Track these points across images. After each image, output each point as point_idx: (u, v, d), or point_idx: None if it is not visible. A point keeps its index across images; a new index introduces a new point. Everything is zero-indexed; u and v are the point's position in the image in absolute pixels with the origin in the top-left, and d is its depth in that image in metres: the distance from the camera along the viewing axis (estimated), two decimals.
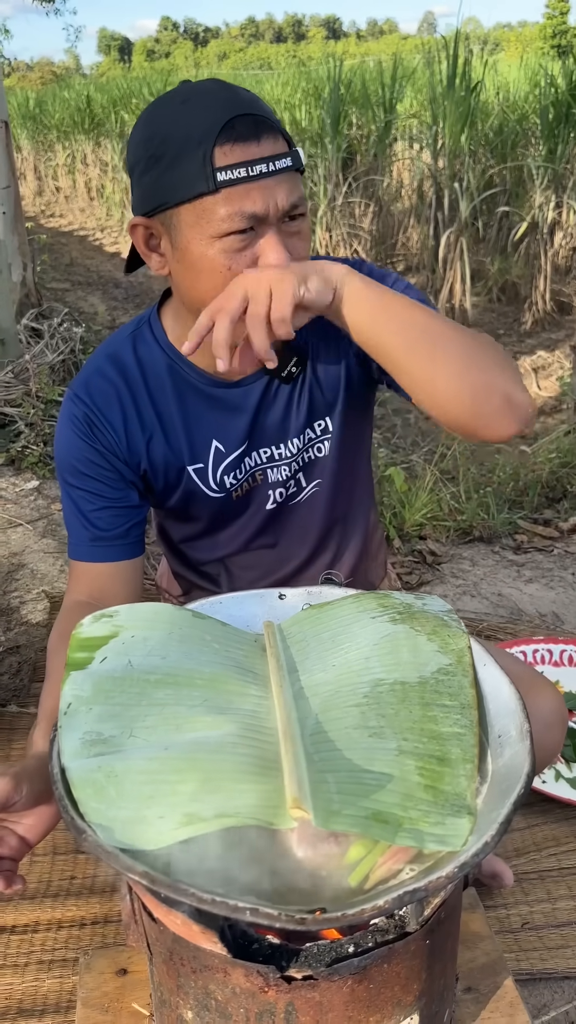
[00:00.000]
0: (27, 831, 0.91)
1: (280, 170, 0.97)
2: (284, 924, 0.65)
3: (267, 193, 0.97)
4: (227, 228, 0.97)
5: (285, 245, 1.00)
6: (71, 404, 1.17)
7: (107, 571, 1.18)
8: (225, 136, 0.95)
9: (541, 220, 5.62)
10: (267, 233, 0.99)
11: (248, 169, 0.95)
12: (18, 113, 12.54)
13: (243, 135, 0.96)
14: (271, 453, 1.22)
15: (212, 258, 1.00)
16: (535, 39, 38.33)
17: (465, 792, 0.77)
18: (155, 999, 0.91)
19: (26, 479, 3.13)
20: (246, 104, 0.98)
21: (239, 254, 0.99)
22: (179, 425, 1.17)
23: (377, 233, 6.88)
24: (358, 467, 1.34)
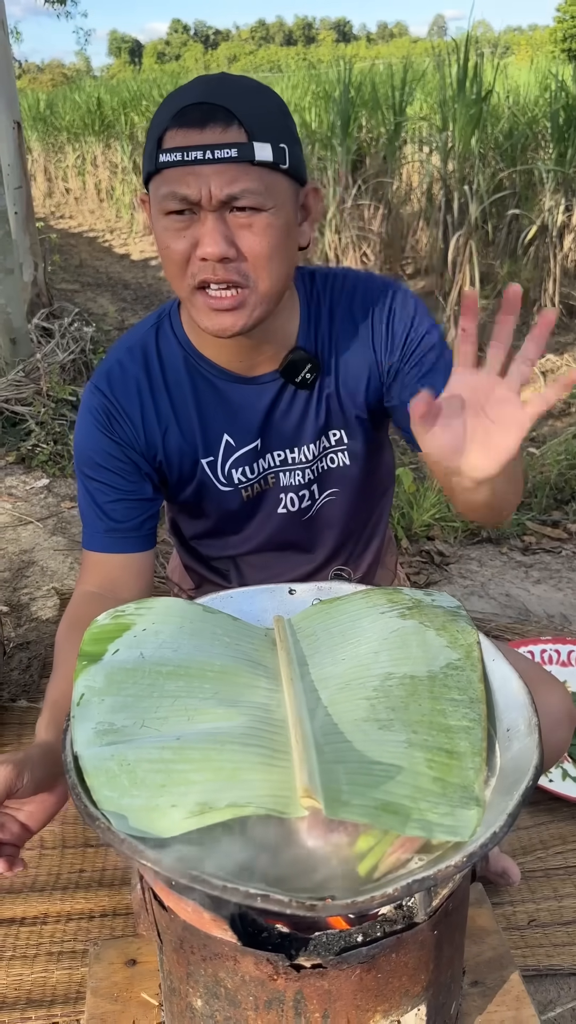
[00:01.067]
0: (28, 818, 0.92)
1: (220, 159, 0.97)
2: (295, 910, 0.66)
3: (201, 179, 0.97)
4: (166, 207, 1.01)
5: (230, 235, 1.00)
6: (91, 396, 1.18)
7: (120, 562, 1.19)
8: (174, 121, 0.98)
9: (551, 223, 5.61)
10: (206, 222, 1.00)
11: (184, 154, 0.97)
12: (29, 115, 12.59)
13: (189, 122, 0.98)
14: (285, 456, 1.23)
15: (159, 236, 1.04)
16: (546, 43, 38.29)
17: (473, 784, 0.78)
18: (164, 988, 0.92)
19: (36, 477, 3.14)
20: (208, 93, 0.99)
21: (178, 234, 1.02)
22: (194, 417, 1.19)
23: (386, 236, 6.88)
24: (374, 481, 1.35)
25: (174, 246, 1.02)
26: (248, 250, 1.02)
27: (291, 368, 1.16)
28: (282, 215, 1.03)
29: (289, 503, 1.27)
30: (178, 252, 1.02)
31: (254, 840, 0.77)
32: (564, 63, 9.64)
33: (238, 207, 1.00)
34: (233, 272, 1.02)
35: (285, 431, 1.21)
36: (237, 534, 1.30)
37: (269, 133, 1.00)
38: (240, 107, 0.98)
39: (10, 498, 2.98)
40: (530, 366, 0.90)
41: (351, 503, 1.31)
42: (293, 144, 1.04)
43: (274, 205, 1.01)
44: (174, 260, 1.04)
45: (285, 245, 1.05)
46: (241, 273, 1.02)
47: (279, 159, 1.00)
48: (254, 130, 0.98)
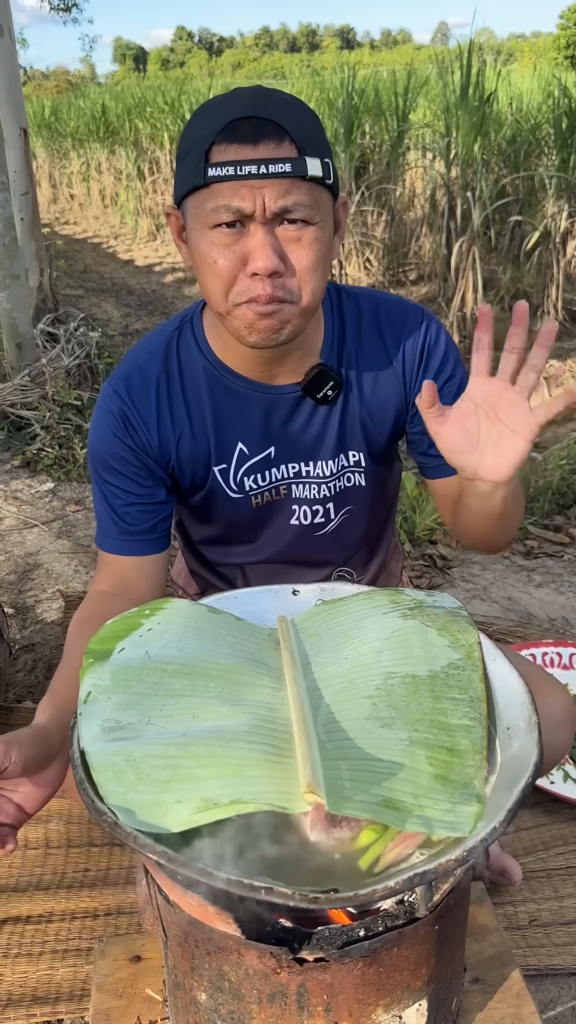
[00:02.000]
0: (23, 799, 0.92)
1: (274, 174, 0.98)
2: (298, 903, 0.67)
3: (254, 192, 0.98)
4: (214, 220, 1.00)
5: (280, 249, 1.02)
6: (108, 398, 1.19)
7: (133, 564, 1.21)
8: (223, 136, 0.98)
9: (553, 229, 5.64)
10: (256, 235, 1.00)
11: (237, 168, 0.97)
12: (34, 121, 12.65)
13: (240, 136, 0.98)
14: (299, 469, 1.24)
15: (204, 251, 1.03)
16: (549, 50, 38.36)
17: (474, 781, 0.79)
18: (169, 983, 0.93)
19: (41, 481, 3.16)
20: (256, 108, 0.99)
21: (227, 249, 1.02)
22: (209, 425, 1.20)
23: (389, 241, 6.91)
24: (386, 498, 1.37)
25: (221, 261, 1.02)
26: (297, 263, 1.03)
27: (314, 383, 1.18)
28: (327, 229, 1.05)
29: (303, 516, 1.28)
30: (225, 267, 1.02)
31: (258, 834, 0.78)
32: (567, 70, 9.68)
33: (289, 219, 1.01)
34: (279, 288, 1.03)
35: (302, 443, 1.22)
36: (247, 543, 1.32)
37: (317, 148, 1.01)
38: (290, 122, 0.99)
39: (16, 501, 3.00)
40: (538, 372, 0.95)
41: (364, 518, 1.33)
42: (332, 160, 1.05)
43: (320, 219, 1.03)
44: (221, 275, 1.03)
45: (327, 258, 1.07)
46: (287, 289, 1.03)
47: (326, 174, 1.02)
48: (304, 145, 0.99)
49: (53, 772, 0.94)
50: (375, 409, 1.23)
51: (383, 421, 1.24)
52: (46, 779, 0.94)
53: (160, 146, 10.17)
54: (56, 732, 0.96)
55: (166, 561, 1.25)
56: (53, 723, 0.97)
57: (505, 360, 0.97)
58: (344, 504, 1.29)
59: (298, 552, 1.32)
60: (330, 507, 1.28)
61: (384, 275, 6.90)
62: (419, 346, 1.22)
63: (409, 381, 1.22)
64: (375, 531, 1.39)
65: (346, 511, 1.29)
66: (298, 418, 1.21)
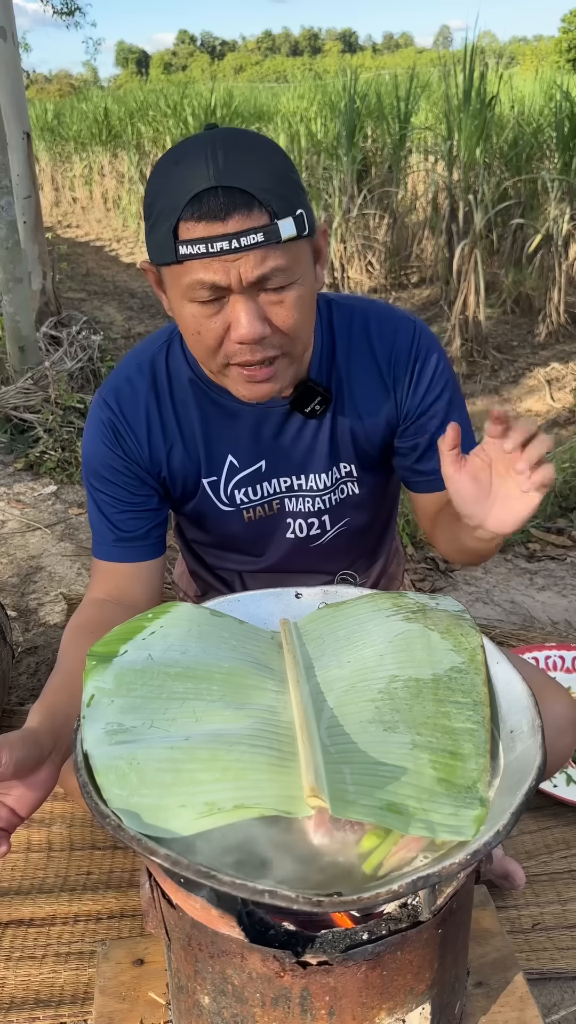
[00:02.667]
0: (15, 802, 0.92)
1: (247, 246, 0.95)
2: (301, 906, 0.67)
3: (228, 266, 0.96)
4: (193, 297, 0.99)
5: (263, 313, 1.00)
6: (99, 409, 1.20)
7: (128, 571, 1.21)
8: (190, 210, 0.94)
9: (556, 232, 5.64)
10: (236, 305, 0.99)
11: (208, 245, 0.95)
12: (36, 125, 12.68)
13: (208, 212, 0.94)
14: (291, 483, 1.24)
15: (187, 321, 1.02)
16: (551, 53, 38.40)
17: (477, 784, 0.79)
18: (172, 986, 0.93)
19: (44, 484, 3.16)
20: (219, 175, 0.94)
21: (209, 320, 1.01)
22: (199, 437, 1.20)
23: (391, 245, 6.92)
24: (385, 504, 1.37)
25: (205, 331, 1.02)
26: (282, 323, 1.02)
27: (301, 399, 1.17)
28: (308, 281, 1.03)
29: (298, 529, 1.28)
30: (211, 336, 1.02)
31: (261, 838, 0.78)
32: (569, 73, 9.69)
33: (269, 287, 0.99)
34: (269, 348, 1.02)
35: (293, 457, 1.22)
36: (244, 554, 1.32)
37: (289, 204, 0.97)
38: (257, 185, 0.95)
39: (18, 504, 3.00)
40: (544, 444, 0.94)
41: (362, 528, 1.33)
42: (304, 201, 1.01)
43: (300, 275, 1.01)
44: (206, 344, 1.03)
45: (312, 302, 1.06)
46: (275, 346, 1.03)
47: (300, 230, 0.98)
48: (275, 208, 0.96)
49: (45, 774, 0.94)
50: (366, 422, 1.22)
51: (374, 433, 1.23)
52: (38, 781, 0.94)
53: (162, 149, 10.19)
54: (46, 735, 0.96)
55: (162, 567, 1.25)
56: (43, 726, 0.97)
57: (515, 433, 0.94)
58: (341, 516, 1.28)
59: (296, 563, 1.32)
60: (326, 519, 1.28)
61: (386, 278, 6.90)
62: (411, 359, 1.20)
63: (400, 394, 1.21)
64: (374, 538, 1.39)
65: (343, 523, 1.29)
66: (287, 431, 1.21)
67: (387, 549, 1.44)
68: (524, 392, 4.98)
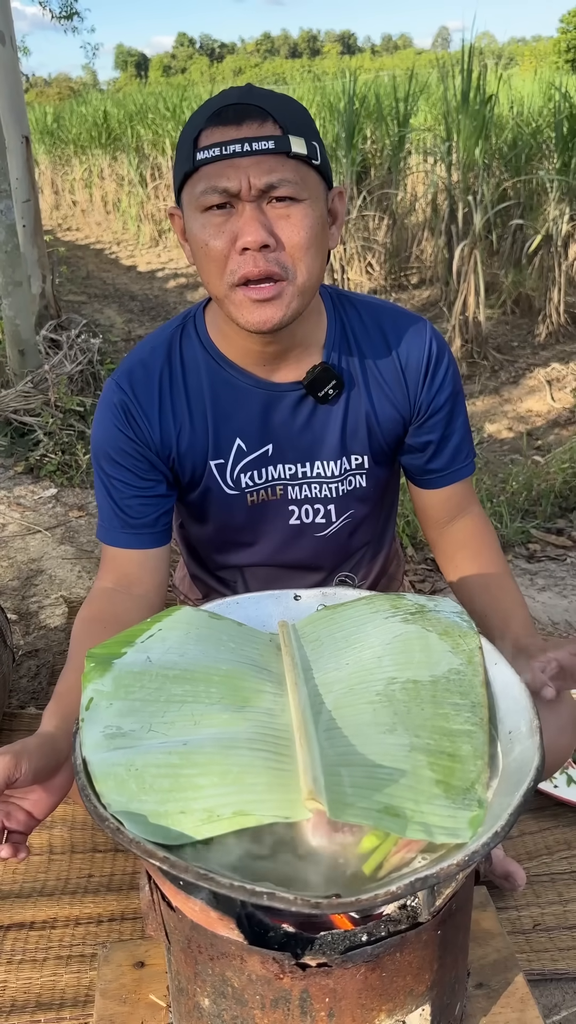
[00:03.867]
0: (33, 806, 0.94)
1: (258, 151, 1.00)
2: (300, 908, 0.67)
3: (240, 171, 1.01)
4: (204, 203, 1.03)
5: (269, 225, 1.03)
6: (112, 391, 1.21)
7: (136, 558, 1.22)
8: (210, 122, 1.02)
9: (555, 233, 5.64)
10: (244, 212, 1.03)
11: (221, 148, 1.01)
12: (36, 128, 12.69)
13: (225, 120, 1.02)
14: (295, 471, 1.25)
15: (197, 235, 1.06)
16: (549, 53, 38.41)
17: (475, 785, 0.80)
18: (172, 988, 0.93)
19: (44, 487, 3.17)
20: (242, 96, 1.03)
21: (218, 230, 1.04)
22: (209, 419, 1.21)
23: (391, 246, 6.92)
24: (385, 504, 1.38)
25: (213, 243, 1.05)
26: (287, 239, 1.04)
27: (315, 382, 1.19)
28: (317, 208, 1.06)
29: (304, 515, 1.28)
30: (217, 249, 1.05)
31: (260, 840, 0.78)
32: (568, 73, 9.69)
33: (277, 196, 1.03)
34: (273, 263, 1.04)
35: (301, 443, 1.23)
36: (245, 543, 1.32)
37: (302, 130, 1.04)
38: (274, 106, 1.03)
39: (19, 507, 3.01)
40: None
41: (366, 522, 1.34)
42: (322, 146, 1.08)
43: (308, 197, 1.05)
44: (213, 257, 1.06)
45: (320, 238, 1.08)
46: (280, 264, 1.05)
47: (312, 154, 1.04)
48: (288, 126, 1.03)
49: (62, 778, 0.95)
50: (380, 412, 1.24)
51: (388, 425, 1.25)
52: (55, 785, 0.95)
53: (162, 152, 10.20)
54: (63, 739, 0.96)
55: (168, 556, 1.26)
56: (60, 731, 0.98)
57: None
58: (347, 508, 1.29)
59: (297, 554, 1.32)
60: (331, 508, 1.28)
61: (386, 279, 6.90)
62: (424, 357, 1.23)
63: (413, 390, 1.24)
64: (376, 535, 1.39)
65: (348, 515, 1.30)
66: (298, 417, 1.22)
67: (387, 549, 1.44)
68: (524, 392, 4.97)
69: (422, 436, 1.27)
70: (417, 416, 1.25)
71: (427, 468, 1.30)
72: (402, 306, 1.32)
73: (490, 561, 1.29)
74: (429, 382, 1.23)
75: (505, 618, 1.21)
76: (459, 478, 1.31)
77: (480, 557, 1.30)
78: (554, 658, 1.07)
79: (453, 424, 1.27)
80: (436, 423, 1.26)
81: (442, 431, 1.27)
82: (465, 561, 1.31)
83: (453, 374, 1.26)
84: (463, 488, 1.32)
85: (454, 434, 1.28)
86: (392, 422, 1.25)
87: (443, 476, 1.30)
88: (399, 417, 1.25)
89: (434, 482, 1.31)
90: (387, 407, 1.24)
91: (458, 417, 1.28)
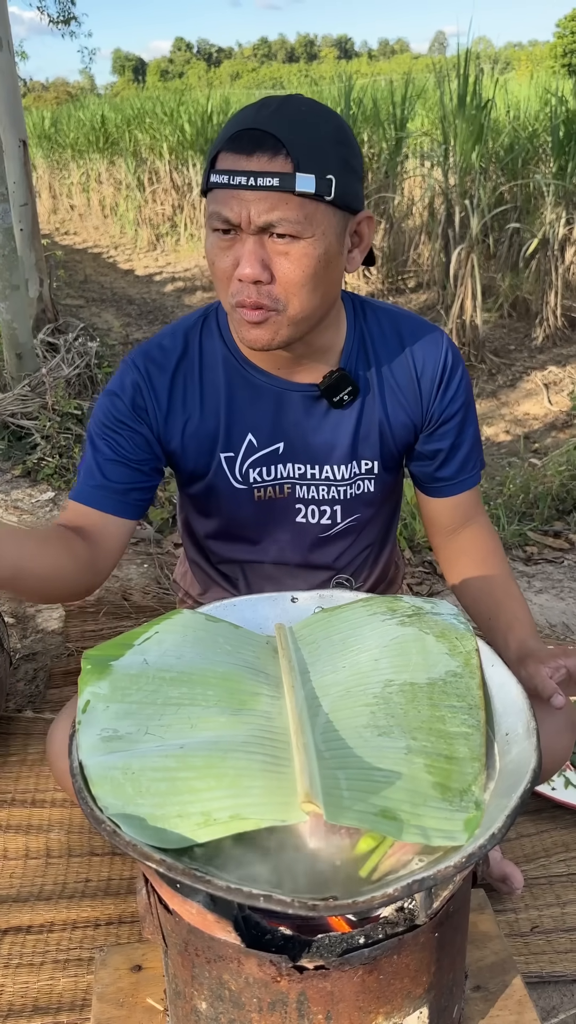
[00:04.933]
0: None
1: (261, 187, 1.00)
2: (296, 910, 0.67)
3: (243, 204, 1.01)
4: (212, 225, 1.06)
5: (266, 259, 1.04)
6: (126, 368, 1.22)
7: (98, 519, 1.20)
8: (227, 145, 1.03)
9: (552, 237, 5.65)
10: (245, 244, 1.04)
11: (229, 178, 1.02)
12: (34, 132, 12.72)
13: (240, 147, 1.02)
14: (304, 471, 1.25)
15: (208, 250, 1.09)
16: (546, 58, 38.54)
17: (472, 788, 0.80)
18: (170, 992, 0.93)
19: (42, 491, 3.17)
20: (260, 120, 1.02)
21: (223, 252, 1.06)
22: (222, 412, 1.21)
23: (388, 250, 6.93)
24: (389, 509, 1.39)
25: (219, 263, 1.08)
26: (282, 276, 1.05)
27: (332, 387, 1.20)
28: (322, 244, 1.05)
29: (310, 515, 1.29)
30: (221, 269, 1.08)
31: (257, 842, 0.78)
32: (564, 78, 9.71)
33: (277, 233, 1.03)
34: (264, 296, 1.05)
35: (311, 445, 1.24)
36: (249, 538, 1.32)
37: (316, 164, 1.01)
38: (290, 136, 1.00)
39: (16, 511, 3.00)
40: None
41: (370, 526, 1.35)
42: (345, 174, 1.05)
43: (313, 235, 1.04)
44: (219, 275, 1.09)
45: (322, 273, 1.07)
46: (272, 297, 1.06)
47: (323, 190, 1.02)
48: (300, 160, 1.00)
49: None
50: (393, 418, 1.25)
51: (400, 431, 1.26)
52: None
53: (159, 156, 10.21)
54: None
55: (129, 533, 1.24)
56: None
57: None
58: (353, 511, 1.30)
59: (300, 554, 1.32)
60: (338, 510, 1.29)
61: (383, 283, 6.92)
62: (439, 367, 1.25)
63: (427, 398, 1.25)
64: (379, 539, 1.39)
65: (354, 518, 1.31)
66: (311, 418, 1.23)
67: (388, 553, 1.44)
68: (521, 396, 4.99)
69: (432, 444, 1.28)
70: (429, 424, 1.27)
71: (436, 476, 1.31)
72: (401, 304, 1.33)
73: (494, 567, 1.30)
74: (443, 391, 1.25)
75: (510, 622, 1.22)
76: (467, 487, 1.32)
77: (485, 564, 1.31)
78: (563, 664, 1.09)
79: (464, 434, 1.29)
80: (447, 432, 1.27)
81: (452, 440, 1.28)
82: (469, 567, 1.31)
83: (466, 385, 1.28)
84: (471, 497, 1.33)
85: (464, 444, 1.29)
86: (404, 429, 1.26)
87: (452, 485, 1.31)
88: (411, 424, 1.26)
89: (442, 490, 1.32)
90: (400, 414, 1.25)
91: (469, 427, 1.30)
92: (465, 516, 1.33)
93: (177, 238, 9.73)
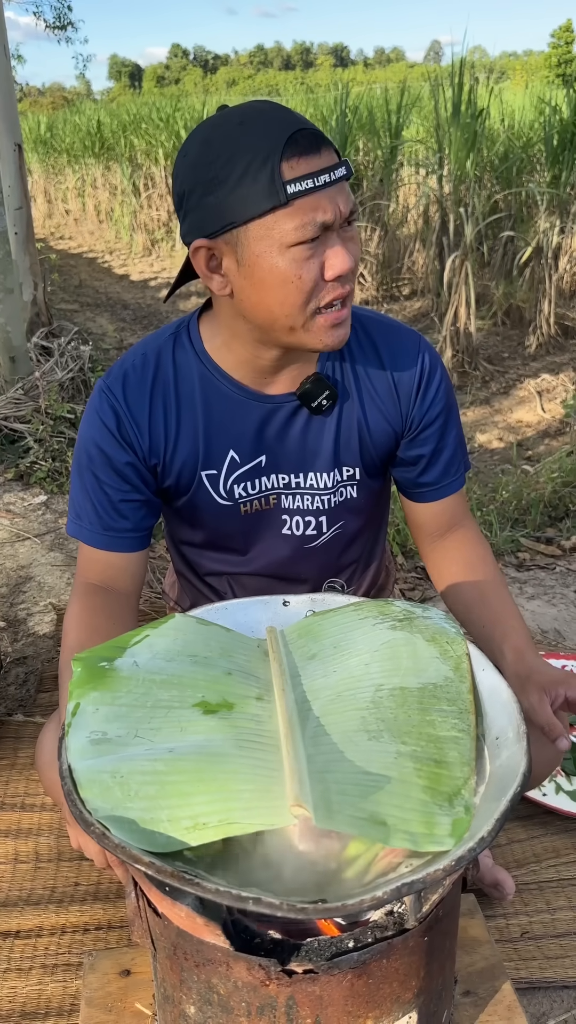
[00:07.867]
0: None
1: (340, 178, 1.02)
2: (286, 913, 0.67)
3: (332, 202, 1.01)
4: (297, 238, 1.00)
5: (347, 250, 1.05)
6: (101, 396, 1.20)
7: (117, 560, 1.21)
8: (290, 151, 0.98)
9: (545, 245, 5.68)
10: (333, 241, 1.03)
11: (314, 180, 0.99)
12: (29, 137, 12.72)
13: (306, 148, 0.99)
14: (289, 480, 1.25)
15: (283, 269, 1.02)
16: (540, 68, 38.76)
17: (462, 791, 0.79)
18: (158, 996, 0.93)
19: (34, 494, 3.16)
20: (301, 120, 1.02)
21: (308, 262, 1.02)
22: (200, 430, 1.20)
23: (383, 257, 6.95)
24: (376, 516, 1.38)
25: (306, 275, 1.03)
26: (355, 259, 1.07)
27: (309, 392, 1.19)
28: None
29: (295, 526, 1.28)
30: (309, 279, 1.03)
31: (246, 845, 0.78)
32: (558, 87, 9.77)
33: (348, 220, 1.05)
34: (347, 283, 1.07)
35: (294, 454, 1.23)
36: (236, 552, 1.32)
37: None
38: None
39: (8, 514, 3.00)
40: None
41: (357, 534, 1.34)
42: None
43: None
44: (304, 289, 1.04)
45: None
46: (351, 282, 1.09)
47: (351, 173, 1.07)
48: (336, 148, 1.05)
49: None
50: (372, 423, 1.24)
51: (380, 437, 1.25)
52: None
53: (155, 162, 10.23)
54: None
55: (146, 559, 1.25)
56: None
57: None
58: (338, 519, 1.29)
59: (288, 566, 1.32)
60: (323, 520, 1.28)
61: (378, 290, 6.93)
62: (416, 372, 1.23)
63: (406, 404, 1.24)
64: (366, 548, 1.39)
65: (339, 526, 1.30)
66: (292, 428, 1.22)
67: (378, 562, 1.44)
68: (515, 403, 5.00)
69: (414, 450, 1.27)
70: (409, 430, 1.25)
71: (419, 482, 1.30)
72: (394, 318, 1.32)
73: (485, 574, 1.29)
74: (421, 397, 1.24)
75: (504, 631, 1.21)
76: (451, 492, 1.31)
77: (474, 569, 1.30)
78: (563, 693, 1.10)
79: (445, 438, 1.27)
80: (428, 437, 1.26)
81: (434, 445, 1.27)
82: (458, 573, 1.30)
83: (446, 388, 1.26)
84: (456, 502, 1.32)
85: (446, 448, 1.28)
86: (384, 435, 1.25)
87: (435, 490, 1.30)
88: (391, 431, 1.25)
89: (426, 496, 1.31)
90: (379, 420, 1.24)
91: (451, 431, 1.28)
92: (451, 521, 1.33)
93: (172, 244, 9.74)
